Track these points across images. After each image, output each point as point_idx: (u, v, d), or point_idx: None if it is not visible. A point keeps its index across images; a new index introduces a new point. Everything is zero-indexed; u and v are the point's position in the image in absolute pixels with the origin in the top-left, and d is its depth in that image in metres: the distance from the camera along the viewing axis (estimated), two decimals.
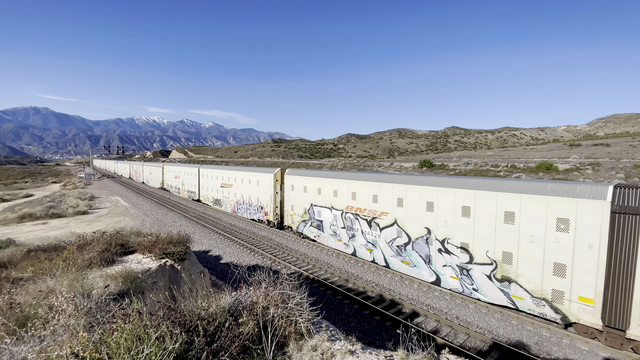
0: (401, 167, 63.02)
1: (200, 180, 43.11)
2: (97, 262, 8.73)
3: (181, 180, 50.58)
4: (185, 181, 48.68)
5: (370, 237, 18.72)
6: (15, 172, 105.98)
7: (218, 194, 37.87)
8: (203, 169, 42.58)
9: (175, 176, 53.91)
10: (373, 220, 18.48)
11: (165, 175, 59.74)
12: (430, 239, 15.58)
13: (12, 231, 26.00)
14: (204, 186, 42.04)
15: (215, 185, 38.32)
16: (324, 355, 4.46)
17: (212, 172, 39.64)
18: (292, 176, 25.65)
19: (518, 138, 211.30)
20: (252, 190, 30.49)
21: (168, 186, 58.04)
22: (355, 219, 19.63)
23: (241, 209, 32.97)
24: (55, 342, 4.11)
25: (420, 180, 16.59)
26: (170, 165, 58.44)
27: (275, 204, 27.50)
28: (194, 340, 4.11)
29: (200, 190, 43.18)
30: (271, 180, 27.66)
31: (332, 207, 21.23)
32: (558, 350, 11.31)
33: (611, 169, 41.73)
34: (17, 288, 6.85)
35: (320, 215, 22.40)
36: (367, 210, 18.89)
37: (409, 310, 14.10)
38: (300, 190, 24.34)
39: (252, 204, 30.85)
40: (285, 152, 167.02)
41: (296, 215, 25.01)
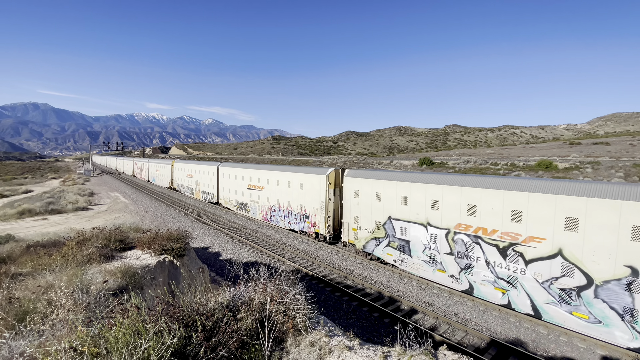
0: (401, 164, 63.03)
1: (220, 181, 38.09)
2: (96, 258, 8.75)
3: (195, 180, 45.51)
4: (201, 181, 43.45)
5: (503, 270, 13.31)
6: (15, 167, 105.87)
7: (244, 197, 32.65)
8: (224, 168, 37.33)
9: (187, 175, 48.46)
10: (511, 248, 13.07)
11: (175, 174, 54.13)
12: (637, 283, 10.43)
13: (11, 227, 26.01)
14: (224, 187, 36.92)
15: (240, 186, 33.29)
16: (321, 351, 4.49)
17: (237, 172, 34.40)
18: (358, 179, 19.97)
19: (518, 136, 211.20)
20: (293, 195, 25.37)
21: (178, 186, 52.65)
22: (474, 244, 14.18)
23: (276, 216, 27.75)
24: (54, 336, 4.13)
25: (616, 190, 10.96)
26: (182, 162, 52.47)
27: (327, 213, 22.38)
28: (192, 336, 4.13)
29: (220, 192, 38.09)
30: (322, 183, 22.55)
31: (429, 224, 15.78)
32: (555, 347, 11.37)
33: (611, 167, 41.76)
34: (17, 283, 6.87)
35: (406, 234, 16.96)
36: (499, 232, 13.35)
37: (408, 307, 14.15)
38: (370, 197, 18.95)
39: (292, 211, 25.64)
40: (285, 149, 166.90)
41: (362, 230, 19.63)
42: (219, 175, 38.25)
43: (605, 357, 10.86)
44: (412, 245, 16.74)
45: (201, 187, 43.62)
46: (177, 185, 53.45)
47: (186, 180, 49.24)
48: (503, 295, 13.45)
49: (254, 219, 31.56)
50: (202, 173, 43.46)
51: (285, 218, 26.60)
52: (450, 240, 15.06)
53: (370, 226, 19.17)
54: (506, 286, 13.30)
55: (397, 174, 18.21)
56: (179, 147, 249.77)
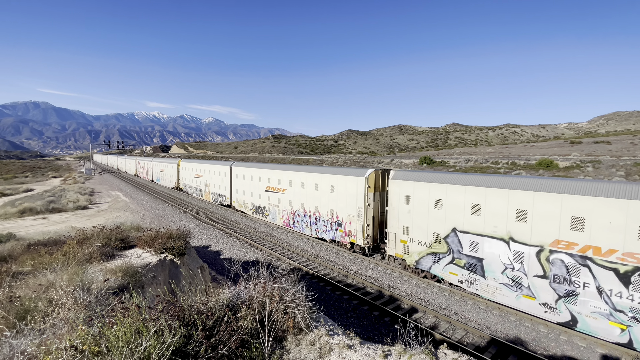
0: (401, 163, 63.00)
1: (232, 182, 35.53)
2: (97, 257, 8.76)
3: (204, 181, 42.77)
4: (211, 182, 40.69)
5: (625, 302, 10.59)
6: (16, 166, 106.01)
7: (261, 200, 29.86)
8: (238, 168, 34.66)
9: (195, 175, 45.81)
10: (638, 274, 10.32)
11: (182, 174, 51.21)
12: None
13: (12, 225, 26.07)
14: (238, 189, 34.34)
15: (257, 188, 30.54)
16: (322, 350, 4.49)
17: (253, 172, 31.56)
18: (409, 182, 16.90)
19: (519, 135, 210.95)
20: (322, 199, 22.70)
21: (186, 186, 49.74)
22: (579, 266, 11.40)
23: (300, 222, 24.99)
24: (55, 335, 4.13)
25: None
26: (189, 162, 49.63)
27: (365, 220, 19.59)
28: (192, 334, 4.13)
29: (233, 194, 35.57)
30: (360, 186, 19.75)
31: (512, 239, 13.01)
32: (556, 346, 11.38)
33: (612, 166, 41.70)
34: (18, 282, 6.89)
35: (478, 250, 14.13)
36: (618, 252, 10.60)
37: (408, 306, 14.16)
38: (426, 204, 16.05)
39: (321, 217, 22.86)
40: (286, 147, 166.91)
41: (415, 243, 16.67)
42: (232, 175, 35.61)
43: (605, 356, 10.87)
44: (487, 265, 13.86)
45: (211, 188, 40.89)
46: (184, 185, 50.51)
47: (194, 181, 46.56)
48: (623, 332, 10.78)
49: (273, 224, 28.81)
50: (212, 173, 40.61)
51: (311, 225, 23.81)
52: (544, 261, 12.24)
53: (426, 239, 16.20)
54: (629, 321, 10.59)
55: (464, 177, 15.16)
56: (179, 146, 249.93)
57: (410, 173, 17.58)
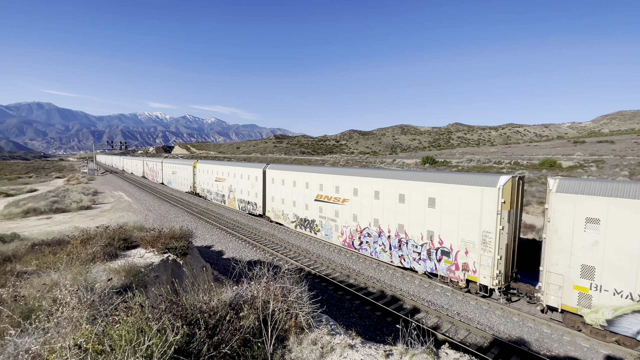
0: (404, 163, 62.91)
1: (267, 188, 30.02)
2: (100, 257, 8.82)
3: (228, 185, 37.50)
4: (237, 186, 35.45)
5: None
6: (20, 167, 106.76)
7: (309, 211, 24.64)
8: (274, 172, 29.01)
9: (217, 179, 40.36)
10: None
11: (199, 177, 45.98)
12: None
13: (16, 225, 26.26)
14: (274, 196, 28.89)
15: (302, 196, 25.24)
16: (323, 349, 4.51)
17: (296, 177, 26.13)
18: (596, 198, 11.46)
19: (522, 135, 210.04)
20: (413, 216, 17.09)
21: (203, 191, 44.55)
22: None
23: (372, 244, 19.44)
24: (59, 334, 4.17)
25: None
26: (208, 163, 44.14)
27: (497, 251, 13.83)
28: (195, 333, 4.16)
29: (268, 203, 29.96)
30: (487, 199, 14.03)
31: None
32: (559, 347, 11.33)
33: (615, 166, 41.44)
34: (22, 281, 6.95)
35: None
36: None
37: (410, 306, 14.15)
38: (636, 235, 10.63)
39: (409, 240, 17.30)
40: (288, 148, 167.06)
41: (607, 293, 11.26)
42: (266, 180, 30.05)
43: (608, 356, 10.81)
44: None
45: (237, 194, 35.55)
46: (202, 190, 45.15)
47: (215, 185, 41.06)
48: None
49: (327, 243, 23.45)
50: (239, 177, 35.08)
51: (392, 249, 18.18)
52: None
53: (632, 288, 10.79)
54: None
55: None
56: (181, 146, 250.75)
57: (598, 184, 11.77)
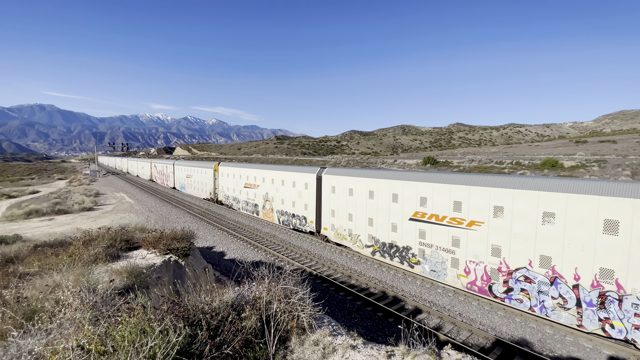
0: (405, 164, 62.84)
1: (323, 198, 23.21)
2: (102, 258, 8.84)
3: (262, 193, 30.89)
4: (276, 195, 28.81)
5: None
6: (22, 168, 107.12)
7: (400, 234, 17.87)
8: (335, 178, 22.24)
9: (247, 184, 33.70)
10: None
11: (222, 182, 39.27)
12: None
13: (19, 227, 26.35)
14: (335, 210, 22.09)
15: (388, 213, 18.44)
16: (325, 350, 4.50)
17: (372, 185, 19.40)
18: None
19: (523, 135, 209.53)
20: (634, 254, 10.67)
21: (228, 199, 37.89)
22: None
23: (540, 295, 12.65)
24: (62, 335, 4.18)
25: None
26: (234, 166, 37.48)
27: None
28: (197, 334, 4.17)
29: (325, 218, 23.20)
30: None
31: None
32: (561, 347, 11.29)
33: (617, 165, 41.30)
34: (25, 283, 6.97)
35: None
36: None
37: (412, 307, 14.12)
38: None
39: (625, 296, 10.76)
40: (289, 149, 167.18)
41: None
42: (322, 188, 23.36)
43: (611, 357, 10.76)
44: None
45: (276, 204, 29.00)
46: (226, 197, 38.64)
47: (244, 193, 34.49)
48: None
49: (431, 282, 16.74)
50: (279, 183, 28.51)
51: (585, 305, 11.53)
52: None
53: None
54: None
55: None
56: (183, 147, 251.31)
57: None
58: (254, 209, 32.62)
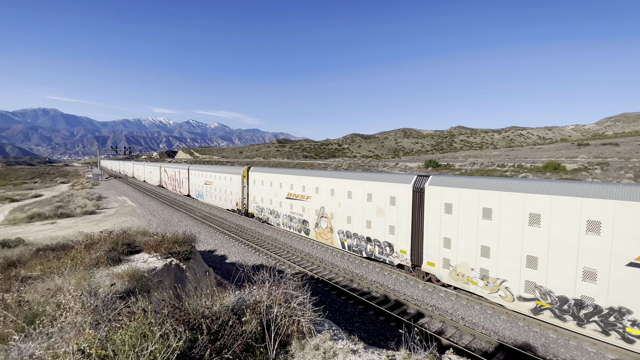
0: (406, 167, 62.79)
1: (428, 219, 16.37)
2: (104, 261, 8.86)
3: (314, 207, 24.36)
4: (339, 211, 21.93)
5: None
6: (25, 172, 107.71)
7: (618, 288, 10.43)
8: (457, 191, 15.15)
9: (291, 195, 27.14)
10: None
11: (254, 191, 32.85)
12: None
13: (21, 230, 26.45)
14: (457, 239, 15.10)
15: (581, 253, 11.19)
16: (326, 354, 4.49)
17: (539, 204, 12.20)
18: None
19: (525, 137, 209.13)
20: None
21: (262, 211, 31.47)
22: None
23: None
24: (63, 339, 4.18)
25: None
26: (272, 172, 30.65)
27: None
28: (197, 338, 4.16)
29: (428, 249, 16.41)
30: None
31: None
32: (565, 352, 11.19)
33: (620, 168, 41.13)
34: (26, 286, 6.99)
35: None
36: None
37: (414, 311, 14.05)
38: None
39: None
40: (290, 152, 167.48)
41: None
42: (426, 205, 16.45)
43: None
44: None
45: (337, 222, 22.18)
46: (258, 209, 32.21)
47: (286, 205, 27.93)
48: None
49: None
50: (342, 195, 21.76)
51: None
52: None
53: None
54: None
55: None
56: (185, 151, 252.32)
57: None
58: (302, 227, 25.84)
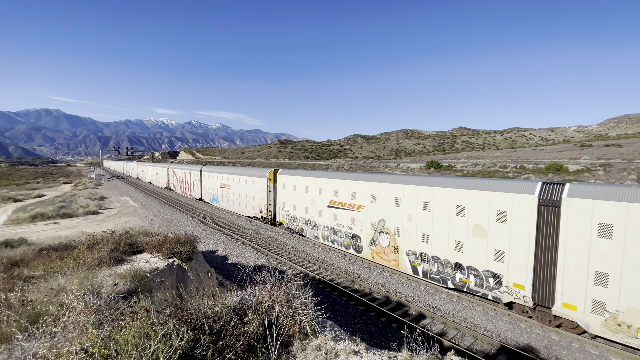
0: (408, 168, 62.71)
1: (569, 245, 11.46)
2: (106, 261, 8.89)
3: (374, 219, 19.34)
4: (408, 226, 17.24)
5: None
6: (28, 172, 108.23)
7: None
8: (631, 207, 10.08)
9: (334, 203, 22.19)
10: None
11: (284, 196, 27.92)
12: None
13: (24, 230, 26.58)
14: None
15: None
16: (327, 355, 4.49)
17: None
18: None
19: (527, 139, 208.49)
20: None
21: (295, 220, 26.39)
22: None
23: None
24: (66, 338, 4.21)
25: None
26: (306, 176, 25.75)
27: None
28: (199, 338, 4.17)
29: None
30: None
31: None
32: (568, 354, 11.13)
33: (623, 169, 40.93)
34: (29, 286, 7.02)
35: None
36: None
37: (416, 312, 14.01)
38: None
39: None
40: (292, 153, 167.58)
41: None
42: (560, 224, 11.79)
43: None
44: None
45: (405, 240, 17.52)
46: (289, 218, 27.13)
47: (327, 215, 22.86)
48: None
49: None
50: (413, 206, 17.06)
51: None
52: None
53: None
54: None
55: None
56: (187, 151, 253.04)
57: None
58: (351, 243, 20.87)
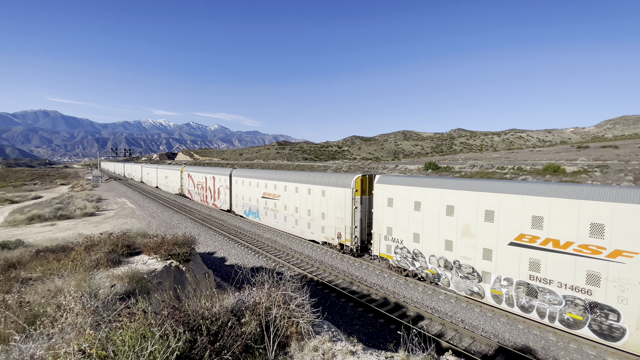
0: (406, 169, 62.84)
1: None
2: (104, 263, 8.88)
3: None
4: None
5: None
6: (25, 174, 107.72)
7: None
8: None
9: (522, 239, 12.41)
10: None
11: (388, 216, 17.82)
12: None
13: (21, 232, 26.45)
14: None
15: None
16: (325, 356, 4.50)
17: None
18: None
19: (525, 140, 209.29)
20: None
21: (414, 256, 16.66)
22: None
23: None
24: (63, 339, 4.21)
25: None
26: (438, 186, 15.47)
27: None
28: (197, 339, 4.18)
29: None
30: None
31: None
32: (565, 355, 11.18)
33: (620, 171, 41.16)
34: (27, 287, 7.01)
35: None
36: None
37: (414, 313, 14.04)
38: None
39: None
40: (290, 154, 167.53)
41: None
42: None
43: None
44: None
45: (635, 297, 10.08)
46: (406, 253, 17.19)
47: (515, 260, 12.75)
48: None
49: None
50: None
51: None
52: None
53: None
54: None
55: None
56: (185, 152, 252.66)
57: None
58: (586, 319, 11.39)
